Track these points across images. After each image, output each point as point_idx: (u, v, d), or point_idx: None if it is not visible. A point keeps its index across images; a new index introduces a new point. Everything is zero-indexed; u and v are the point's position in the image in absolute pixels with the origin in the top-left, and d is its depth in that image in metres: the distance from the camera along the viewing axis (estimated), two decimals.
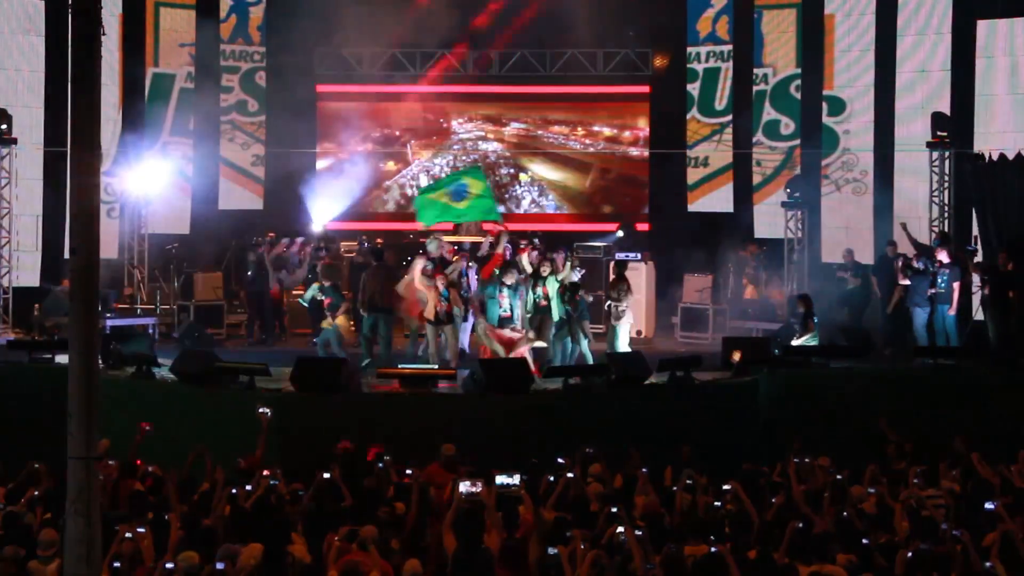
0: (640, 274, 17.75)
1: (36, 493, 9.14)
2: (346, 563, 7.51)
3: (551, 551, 7.53)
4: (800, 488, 9.46)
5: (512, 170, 21.84)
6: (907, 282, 15.45)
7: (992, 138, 17.99)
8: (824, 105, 19.75)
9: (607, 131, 21.76)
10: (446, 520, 8.05)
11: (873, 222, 18.92)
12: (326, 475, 9.25)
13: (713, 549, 7.52)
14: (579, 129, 21.82)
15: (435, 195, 16.14)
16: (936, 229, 17.47)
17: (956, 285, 14.99)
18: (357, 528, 7.89)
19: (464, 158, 21.60)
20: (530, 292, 14.79)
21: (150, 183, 18.15)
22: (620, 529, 7.74)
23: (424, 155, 21.77)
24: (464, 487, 8.06)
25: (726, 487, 9.26)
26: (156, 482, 9.82)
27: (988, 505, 8.43)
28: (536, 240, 16.62)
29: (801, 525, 8.14)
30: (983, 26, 18.58)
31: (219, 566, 7.41)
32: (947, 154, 17.65)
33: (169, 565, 7.39)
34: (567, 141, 21.78)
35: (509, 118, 21.95)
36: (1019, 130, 18.05)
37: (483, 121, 21.95)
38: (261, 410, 10.82)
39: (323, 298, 15.32)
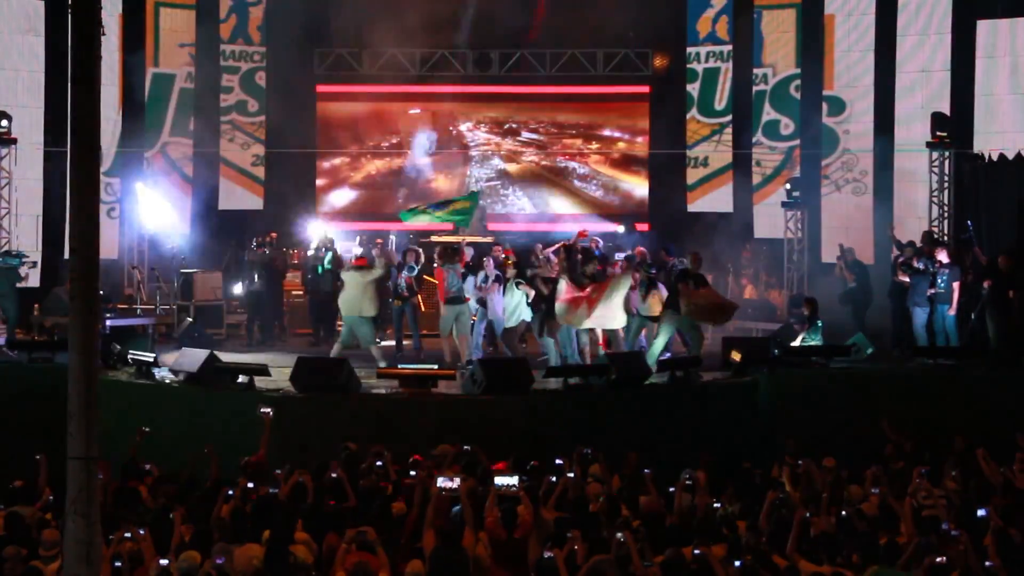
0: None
1: (52, 498, 9.11)
2: (355, 564, 7.51)
3: (546, 555, 7.53)
4: (795, 491, 9.46)
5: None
6: (906, 279, 15.46)
7: (992, 138, 18.01)
8: (824, 105, 19.77)
9: (617, 135, 21.79)
10: (427, 518, 8.07)
11: (873, 222, 18.93)
12: (333, 475, 9.25)
13: (696, 551, 7.53)
14: (593, 143, 21.84)
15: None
16: (935, 228, 17.48)
17: (956, 285, 14.98)
18: (365, 531, 7.88)
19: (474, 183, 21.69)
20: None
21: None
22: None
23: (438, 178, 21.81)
24: (442, 482, 8.07)
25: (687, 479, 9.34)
26: (156, 482, 9.83)
27: (980, 512, 8.43)
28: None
29: (808, 515, 8.16)
30: (983, 26, 18.60)
31: (219, 560, 7.42)
32: (947, 154, 17.65)
33: (164, 562, 7.39)
34: (578, 164, 21.81)
35: (517, 121, 21.93)
36: (1019, 130, 18.07)
37: (490, 125, 21.90)
38: (263, 410, 10.82)
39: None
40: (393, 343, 16.22)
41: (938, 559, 7.43)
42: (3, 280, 15.74)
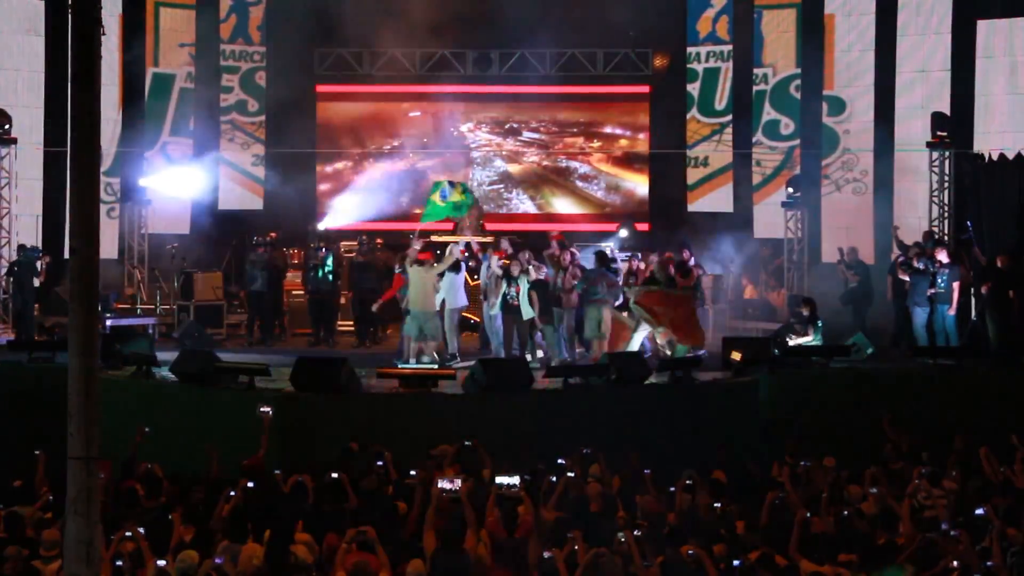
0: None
1: (52, 498, 9.13)
2: (355, 564, 7.52)
3: (546, 555, 7.53)
4: (796, 492, 9.45)
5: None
6: (906, 277, 15.48)
7: (992, 138, 18.01)
8: (824, 105, 19.76)
9: (619, 131, 21.78)
10: (427, 519, 8.07)
11: (873, 222, 18.93)
12: (334, 475, 9.25)
13: (690, 552, 7.53)
14: (595, 141, 21.80)
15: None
16: (936, 229, 17.48)
17: (956, 285, 14.99)
18: (365, 531, 7.88)
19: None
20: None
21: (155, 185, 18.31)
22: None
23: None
24: (443, 484, 8.07)
25: (688, 482, 9.35)
26: (155, 482, 9.82)
27: (978, 511, 8.44)
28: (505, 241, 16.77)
29: (809, 515, 8.17)
30: (983, 26, 18.60)
31: (218, 560, 7.42)
32: (947, 154, 17.65)
33: (161, 563, 7.39)
34: (579, 164, 21.77)
35: (517, 121, 21.88)
36: (1019, 130, 18.06)
37: (491, 126, 21.85)
38: (263, 409, 10.81)
39: None
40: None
41: (954, 563, 7.43)
42: (25, 275, 15.90)
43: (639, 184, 21.88)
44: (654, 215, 21.38)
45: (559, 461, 9.95)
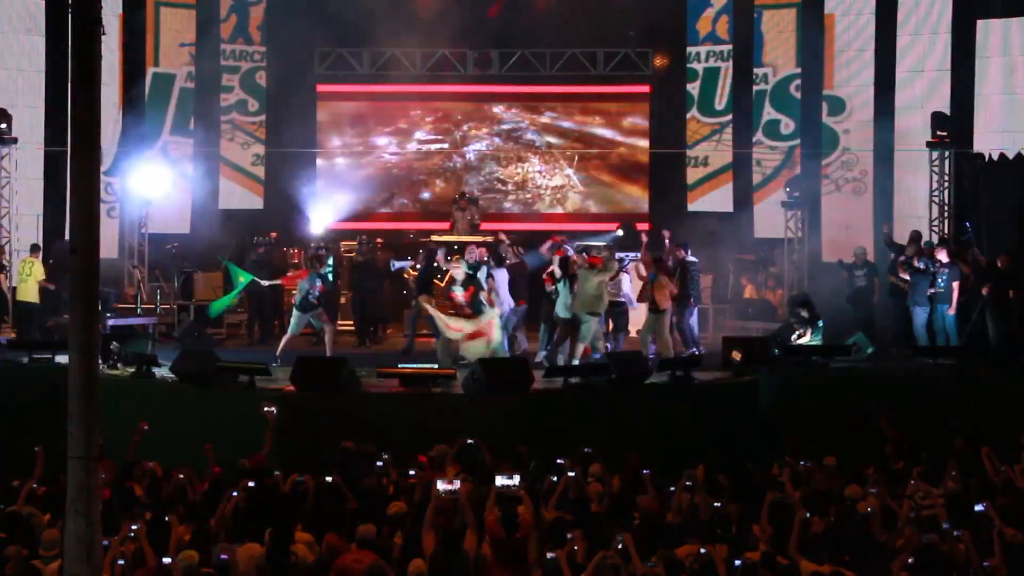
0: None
1: (36, 485, 9.13)
2: (356, 563, 7.52)
3: (549, 555, 7.53)
4: (796, 492, 9.45)
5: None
6: (906, 276, 15.48)
7: (991, 138, 18.01)
8: (824, 104, 19.76)
9: (619, 132, 21.76)
10: (426, 519, 8.07)
11: (873, 222, 18.92)
12: (328, 479, 9.24)
13: (702, 550, 7.53)
14: (595, 141, 21.76)
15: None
16: (936, 228, 17.49)
17: (956, 285, 14.99)
18: (365, 531, 7.86)
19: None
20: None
21: (151, 186, 18.14)
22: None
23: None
24: (442, 485, 8.07)
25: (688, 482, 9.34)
26: (155, 482, 9.82)
27: (978, 507, 8.45)
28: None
29: (809, 515, 8.17)
30: (983, 25, 18.61)
31: (223, 557, 7.42)
32: (947, 154, 17.65)
33: (167, 561, 7.40)
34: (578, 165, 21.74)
35: (517, 120, 21.83)
36: (1019, 130, 18.07)
37: (490, 125, 21.81)
38: (267, 408, 10.79)
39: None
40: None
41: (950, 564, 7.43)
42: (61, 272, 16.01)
43: (639, 184, 21.85)
44: (654, 215, 21.34)
45: (559, 461, 9.94)
